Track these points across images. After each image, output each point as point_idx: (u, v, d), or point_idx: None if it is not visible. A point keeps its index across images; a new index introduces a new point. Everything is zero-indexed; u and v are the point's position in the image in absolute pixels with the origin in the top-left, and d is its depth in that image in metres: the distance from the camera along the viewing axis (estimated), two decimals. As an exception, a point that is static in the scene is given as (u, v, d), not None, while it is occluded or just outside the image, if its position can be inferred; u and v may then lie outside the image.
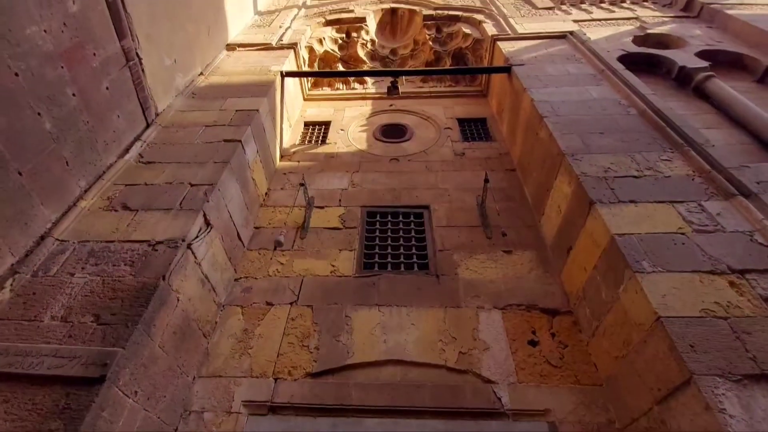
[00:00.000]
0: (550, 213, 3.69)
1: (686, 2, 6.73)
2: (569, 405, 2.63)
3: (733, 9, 6.13)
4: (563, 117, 3.90)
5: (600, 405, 2.62)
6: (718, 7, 6.23)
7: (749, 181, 2.95)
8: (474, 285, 3.43)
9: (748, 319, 2.12)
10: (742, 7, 6.23)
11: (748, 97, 4.55)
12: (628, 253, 2.52)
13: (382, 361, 2.93)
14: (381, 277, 3.54)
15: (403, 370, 2.90)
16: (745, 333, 2.06)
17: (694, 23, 6.29)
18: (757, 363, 1.93)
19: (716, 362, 1.96)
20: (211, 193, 3.29)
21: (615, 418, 2.54)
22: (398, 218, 4.20)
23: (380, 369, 2.91)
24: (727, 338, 2.05)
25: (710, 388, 1.86)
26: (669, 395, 2.06)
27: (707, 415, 1.81)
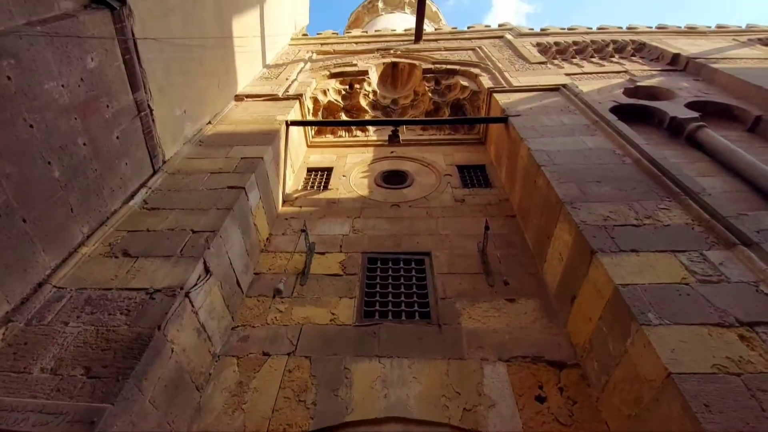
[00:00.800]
0: (552, 261, 3.67)
1: (672, 57, 7.11)
2: (582, 469, 2.47)
3: (718, 63, 6.47)
4: (560, 166, 3.98)
5: (614, 469, 2.46)
6: (703, 62, 6.57)
7: (749, 230, 2.96)
8: (477, 335, 3.34)
9: (762, 376, 2.04)
10: (726, 62, 6.57)
11: (740, 146, 4.68)
12: (633, 305, 2.47)
13: (382, 418, 2.78)
14: (382, 326, 3.46)
15: (405, 428, 2.74)
16: (760, 391, 1.97)
17: (681, 76, 6.61)
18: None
19: (732, 423, 1.86)
20: (213, 240, 3.30)
21: (632, 485, 2.37)
22: (399, 264, 4.17)
23: (381, 427, 2.76)
24: (742, 396, 1.96)
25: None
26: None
27: (730, 484, 1.69)
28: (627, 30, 8.86)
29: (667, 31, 8.70)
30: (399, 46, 8.33)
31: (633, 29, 8.86)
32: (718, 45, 7.56)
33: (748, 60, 6.68)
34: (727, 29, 8.71)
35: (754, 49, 7.26)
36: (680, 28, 8.86)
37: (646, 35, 8.35)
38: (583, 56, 7.84)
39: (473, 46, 8.10)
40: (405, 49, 8.08)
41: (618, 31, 8.76)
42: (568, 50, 7.98)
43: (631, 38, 8.19)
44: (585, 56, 7.84)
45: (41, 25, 2.93)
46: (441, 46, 8.24)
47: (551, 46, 8.09)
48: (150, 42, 4.03)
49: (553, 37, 8.53)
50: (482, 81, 6.45)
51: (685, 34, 8.43)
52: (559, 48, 8.03)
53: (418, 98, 7.36)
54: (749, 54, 6.99)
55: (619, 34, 8.49)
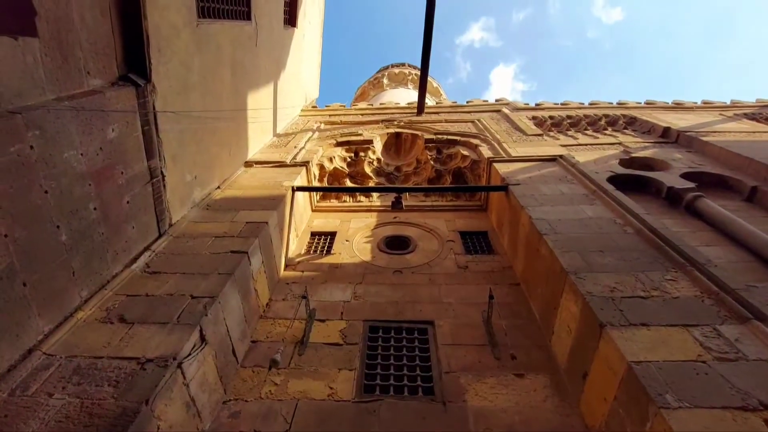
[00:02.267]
0: (560, 333, 3.54)
1: (663, 130, 7.47)
2: None
3: (708, 136, 6.77)
4: (562, 235, 4.01)
5: None
6: (693, 135, 6.88)
7: (760, 303, 2.88)
8: (485, 415, 3.11)
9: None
10: (715, 135, 6.88)
11: (739, 215, 4.72)
12: (649, 385, 2.33)
13: None
14: (382, 402, 3.25)
15: None
16: (801, 491, 1.78)
17: (673, 148, 6.88)
18: None
19: None
20: (211, 307, 3.24)
21: None
22: (401, 334, 4.02)
23: None
24: (781, 497, 1.77)
25: None
26: None
27: None
28: (617, 105, 9.41)
29: (656, 106, 9.24)
30: (402, 117, 8.84)
31: (623, 104, 9.41)
32: (705, 120, 7.96)
33: (736, 133, 6.99)
34: (712, 105, 9.24)
35: (741, 123, 7.63)
36: (668, 104, 9.41)
37: (636, 110, 8.86)
38: (578, 129, 8.26)
39: (472, 118, 8.59)
40: (408, 121, 8.56)
41: (609, 106, 9.31)
42: (562, 123, 8.42)
43: (621, 113, 8.67)
44: (579, 129, 8.25)
45: (69, 100, 3.16)
46: (442, 118, 8.74)
47: (546, 119, 8.55)
48: (168, 114, 4.31)
49: (548, 111, 9.06)
50: (482, 151, 6.74)
51: (672, 110, 8.93)
52: (554, 121, 8.48)
53: (420, 166, 7.64)
54: (737, 128, 7.34)
55: (610, 109, 9.01)
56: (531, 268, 4.35)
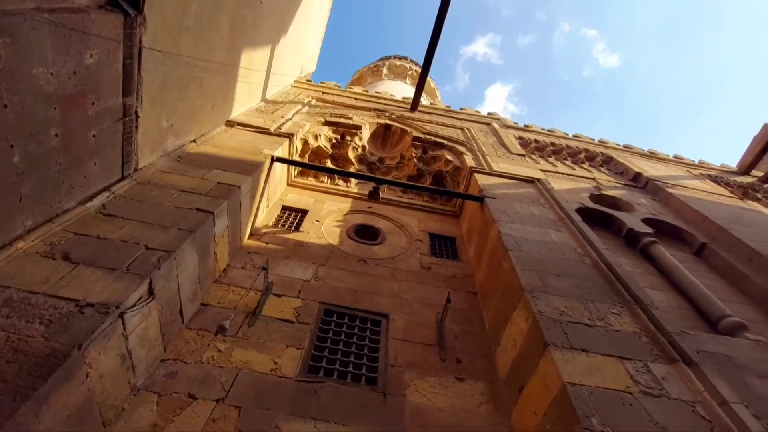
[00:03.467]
0: (505, 345, 3.67)
1: (635, 174, 7.85)
2: None
3: (673, 189, 7.17)
4: (525, 253, 4.14)
5: None
6: (660, 185, 7.27)
7: (690, 349, 3.10)
8: (421, 412, 3.19)
9: (695, 505, 2.02)
10: (680, 189, 7.30)
11: (686, 266, 5.06)
12: (579, 407, 2.47)
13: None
14: (324, 385, 3.25)
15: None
16: None
17: (641, 193, 7.25)
18: None
19: None
20: (166, 261, 3.11)
21: None
22: (355, 322, 4.04)
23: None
24: None
25: None
26: None
27: None
28: (598, 143, 9.80)
29: (632, 151, 9.69)
30: (395, 110, 8.80)
31: (603, 143, 9.81)
32: (673, 173, 8.44)
33: (698, 191, 7.46)
34: (683, 160, 9.81)
35: (704, 183, 8.15)
36: (643, 151, 9.89)
37: (614, 151, 9.25)
38: (558, 157, 8.53)
39: (462, 126, 8.68)
40: (400, 115, 8.53)
41: (590, 142, 9.67)
42: (545, 149, 8.67)
43: (600, 150, 9.04)
44: (559, 157, 8.52)
45: (49, 13, 2.91)
46: (433, 119, 8.78)
47: (531, 141, 8.78)
48: (155, 53, 4.07)
49: (534, 134, 9.29)
50: (466, 159, 6.83)
51: (646, 157, 9.41)
52: (538, 145, 8.72)
53: (404, 162, 7.65)
54: (700, 186, 7.83)
55: (591, 145, 9.37)
56: (491, 279, 4.47)
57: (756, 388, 2.97)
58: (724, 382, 2.84)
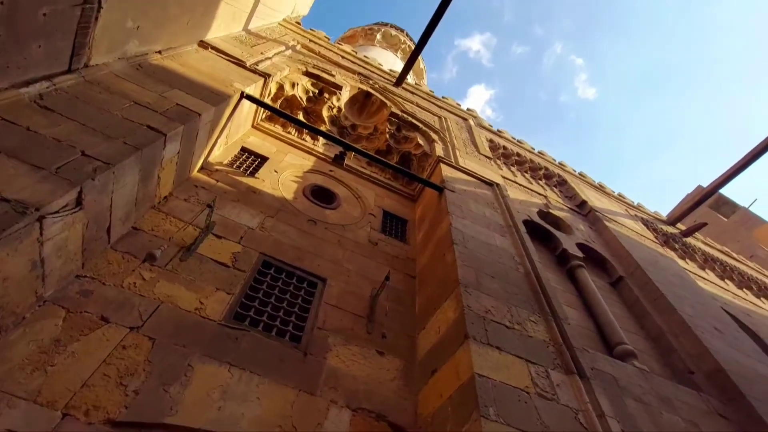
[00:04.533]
0: (430, 330, 3.86)
1: (581, 201, 8.39)
2: None
3: (610, 222, 7.77)
4: (469, 250, 4.33)
5: None
6: (600, 216, 7.85)
7: (586, 365, 3.46)
8: (337, 376, 3.30)
9: (555, 494, 2.31)
10: (615, 224, 7.93)
11: (601, 293, 5.57)
12: (481, 396, 2.68)
13: (205, 431, 2.53)
14: (248, 334, 3.24)
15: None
16: (549, 507, 2.22)
17: (582, 219, 7.79)
18: None
19: None
20: (103, 173, 2.87)
21: None
22: (292, 279, 4.03)
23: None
24: (535, 508, 2.19)
25: None
26: None
27: None
28: (558, 165, 10.31)
29: (585, 179, 10.33)
30: (379, 80, 8.60)
31: (562, 166, 10.34)
32: (614, 209, 9.14)
33: (630, 230, 8.16)
34: (624, 199, 10.63)
35: (636, 224, 8.93)
36: (594, 183, 10.57)
37: (569, 176, 9.80)
38: (520, 168, 8.89)
39: (441, 114, 8.70)
40: (383, 86, 8.36)
41: (551, 162, 10.15)
42: (511, 157, 8.98)
43: (558, 172, 9.53)
44: (521, 169, 8.88)
45: None
46: (414, 100, 8.71)
47: (500, 147, 9.04)
48: (135, -57, 3.61)
49: (505, 141, 9.57)
50: (436, 147, 6.90)
51: (595, 189, 10.08)
52: (505, 152, 9.01)
53: (376, 134, 7.56)
54: (632, 226, 8.57)
55: (552, 165, 9.84)
56: (431, 267, 4.64)
57: (630, 408, 3.41)
58: (606, 398, 3.22)
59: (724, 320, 6.09)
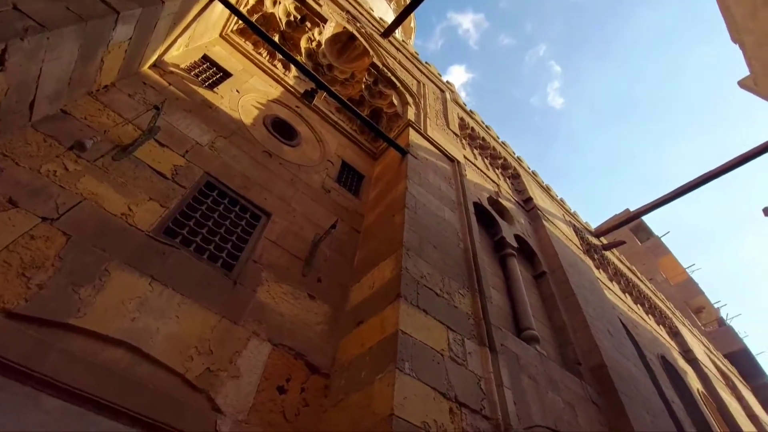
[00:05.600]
0: (364, 284, 3.94)
1: (528, 198, 8.84)
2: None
3: (547, 222, 8.30)
4: (418, 217, 4.41)
5: (302, 472, 2.66)
6: (541, 215, 8.34)
7: (497, 341, 3.76)
8: (263, 310, 3.28)
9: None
10: (551, 225, 8.48)
11: (524, 283, 6.02)
12: (401, 350, 2.82)
13: (116, 339, 2.41)
14: (177, 252, 3.08)
15: (134, 360, 2.44)
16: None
17: (524, 214, 8.24)
18: (434, 481, 2.29)
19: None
20: (35, 36, 2.45)
21: (307, 489, 2.60)
22: (235, 207, 3.85)
23: (107, 347, 2.38)
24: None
25: (394, 490, 2.09)
26: (362, 485, 2.24)
27: None
28: (516, 159, 10.68)
29: (536, 178, 10.85)
30: (367, 26, 8.13)
31: (520, 161, 10.74)
32: (554, 211, 9.76)
33: (561, 233, 8.81)
34: (564, 205, 11.38)
35: (568, 229, 9.64)
36: (543, 183, 11.15)
37: (524, 171, 10.22)
38: (482, 153, 9.09)
39: (420, 79, 8.51)
40: (370, 33, 7.93)
41: (511, 155, 10.49)
42: (476, 140, 9.13)
43: (515, 166, 9.90)
44: (483, 154, 9.09)
45: None
46: (398, 57, 8.40)
47: (469, 128, 9.12)
48: None
49: (474, 123, 9.66)
50: (409, 111, 6.78)
51: (542, 189, 10.65)
52: (472, 134, 9.12)
53: (351, 82, 7.24)
54: (565, 230, 9.24)
55: (511, 158, 10.18)
56: (378, 226, 4.67)
57: (524, 383, 3.80)
58: (506, 371, 3.54)
59: (616, 326, 6.92)
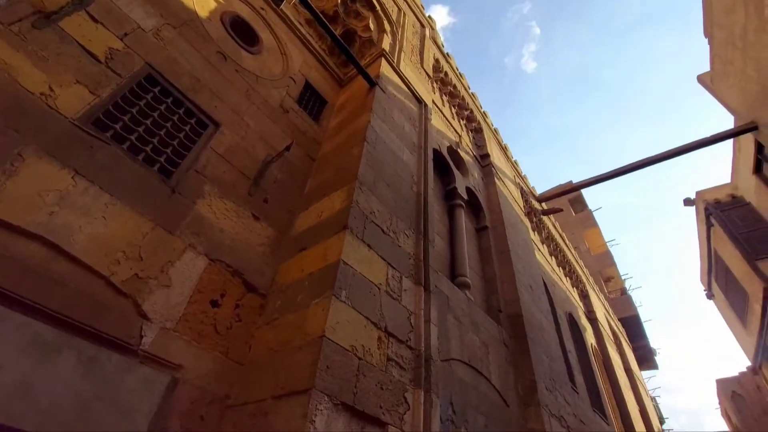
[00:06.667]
0: (312, 212, 3.88)
1: (485, 154, 9.00)
2: (203, 370, 2.64)
3: (498, 180, 8.57)
4: (376, 153, 4.31)
5: (228, 380, 2.75)
6: (493, 172, 8.58)
7: (432, 282, 3.95)
8: (203, 223, 3.14)
9: (370, 367, 2.72)
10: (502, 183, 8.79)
11: (467, 234, 6.30)
12: (340, 279, 2.87)
13: (29, 232, 2.20)
14: (108, 147, 2.77)
15: (52, 256, 2.25)
16: (362, 375, 2.63)
17: (479, 169, 8.42)
18: (355, 397, 2.48)
19: (333, 385, 2.40)
20: None
21: (232, 395, 2.71)
22: (179, 109, 3.49)
23: (22, 240, 2.17)
24: (351, 372, 2.56)
25: (317, 402, 2.23)
26: (286, 395, 2.36)
27: (300, 421, 2.15)
28: (482, 113, 10.67)
29: (497, 137, 11.01)
30: (352, -69, 7.21)
31: (485, 115, 10.74)
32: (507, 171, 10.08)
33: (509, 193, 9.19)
34: (517, 167, 11.78)
35: (516, 190, 10.07)
36: (502, 142, 11.36)
37: (486, 127, 10.28)
38: (451, 100, 8.93)
39: (402, 7, 7.91)
40: (354, -59, 7.06)
41: (478, 109, 10.43)
42: (447, 86, 8.89)
43: (480, 120, 9.90)
44: (452, 102, 8.93)
45: None
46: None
47: (442, 71, 8.82)
48: None
49: (448, 68, 9.34)
50: (384, 40, 6.35)
51: (500, 148, 10.87)
52: (445, 80, 8.86)
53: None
54: (512, 190, 9.65)
55: (477, 112, 10.13)
56: (334, 156, 4.53)
57: (449, 322, 4.12)
58: (435, 310, 3.79)
59: (538, 283, 7.61)
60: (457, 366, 4.00)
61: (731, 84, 9.10)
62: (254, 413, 2.45)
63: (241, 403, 2.60)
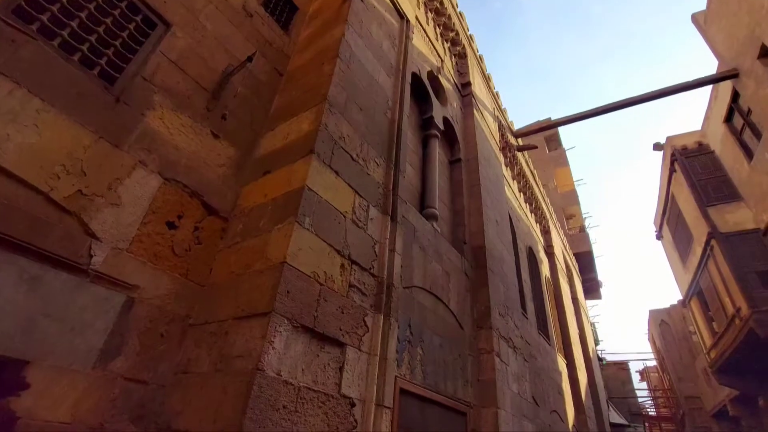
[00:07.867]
0: (277, 134, 3.65)
1: (467, 82, 8.61)
2: (162, 290, 2.61)
3: (477, 112, 8.33)
4: (350, 72, 3.98)
5: (188, 301, 2.74)
6: (474, 102, 8.29)
7: (400, 213, 3.97)
8: (155, 139, 2.88)
9: (331, 292, 2.78)
10: (480, 116, 8.56)
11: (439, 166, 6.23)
12: (304, 205, 2.79)
13: (-60, 134, 1.92)
14: (34, 43, 2.38)
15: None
16: (323, 300, 2.68)
17: (460, 98, 8.10)
18: (315, 321, 2.55)
19: (293, 309, 2.44)
20: None
21: (193, 315, 2.73)
22: (121, 3, 2.99)
23: (-72, 141, 1.90)
24: (312, 297, 2.60)
25: (276, 324, 2.28)
26: (246, 317, 2.39)
27: (259, 340, 2.21)
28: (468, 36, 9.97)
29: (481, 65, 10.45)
30: None
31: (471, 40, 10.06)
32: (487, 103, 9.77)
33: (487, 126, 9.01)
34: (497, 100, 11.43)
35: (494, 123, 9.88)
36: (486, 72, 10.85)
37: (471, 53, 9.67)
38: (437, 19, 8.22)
39: None
40: None
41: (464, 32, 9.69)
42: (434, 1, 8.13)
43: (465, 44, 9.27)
44: (438, 21, 8.24)
45: None
46: None
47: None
48: None
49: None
50: (365, -62, 5.55)
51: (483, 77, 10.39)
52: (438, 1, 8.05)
53: None
54: (491, 123, 9.45)
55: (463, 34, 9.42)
56: (304, 72, 4.16)
57: (414, 251, 4.21)
58: (401, 240, 3.84)
59: (504, 218, 7.85)
60: (419, 293, 4.18)
61: (722, 26, 8.83)
62: (215, 332, 2.50)
63: (202, 322, 2.63)
